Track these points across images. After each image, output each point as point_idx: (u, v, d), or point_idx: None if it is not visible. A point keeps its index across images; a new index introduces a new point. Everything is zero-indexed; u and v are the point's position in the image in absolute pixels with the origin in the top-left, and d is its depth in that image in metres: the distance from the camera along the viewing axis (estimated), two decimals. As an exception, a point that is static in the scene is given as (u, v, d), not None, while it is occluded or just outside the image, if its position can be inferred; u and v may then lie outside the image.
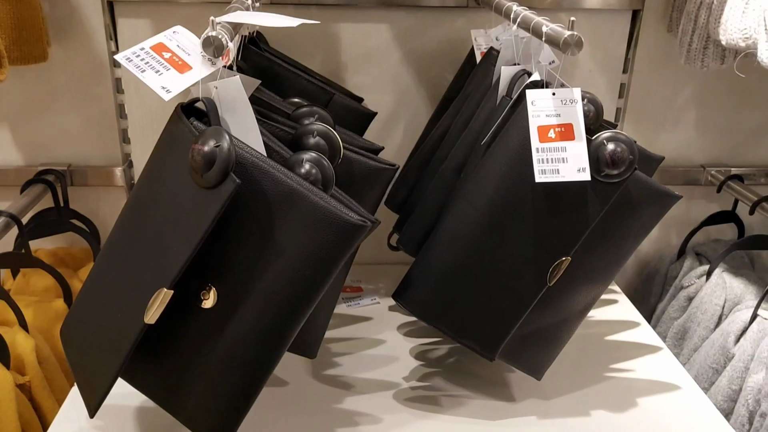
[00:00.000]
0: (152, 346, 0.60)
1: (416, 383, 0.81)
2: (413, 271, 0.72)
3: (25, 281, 0.94)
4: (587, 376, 0.83)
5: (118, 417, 0.73)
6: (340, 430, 0.72)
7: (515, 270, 0.68)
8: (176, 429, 0.71)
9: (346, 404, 0.77)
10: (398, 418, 0.74)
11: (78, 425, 0.72)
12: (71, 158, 1.00)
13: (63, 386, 0.82)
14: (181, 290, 0.58)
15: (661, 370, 0.84)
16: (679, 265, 1.05)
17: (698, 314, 0.96)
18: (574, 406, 0.77)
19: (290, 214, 0.56)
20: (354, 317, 0.95)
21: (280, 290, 0.57)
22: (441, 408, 0.76)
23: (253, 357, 0.58)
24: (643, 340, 0.91)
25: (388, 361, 0.85)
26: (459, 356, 0.87)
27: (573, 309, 0.73)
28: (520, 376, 0.82)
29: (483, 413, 0.75)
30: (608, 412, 0.76)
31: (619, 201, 0.67)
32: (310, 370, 0.82)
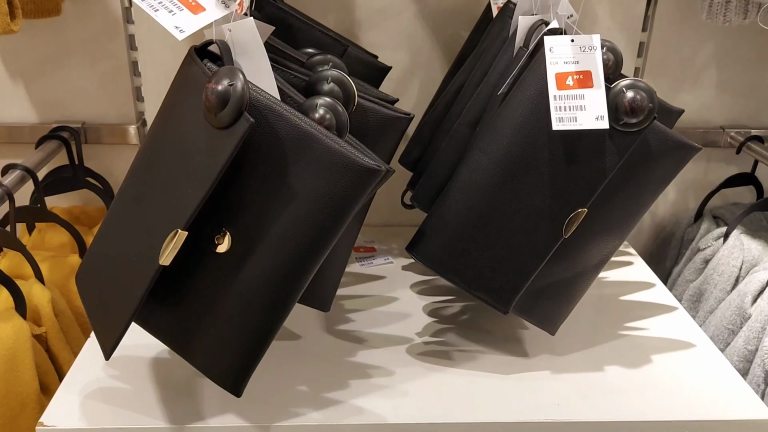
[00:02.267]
0: (166, 291, 0.61)
1: (429, 338, 0.80)
2: (427, 224, 0.72)
3: (41, 237, 0.94)
4: (601, 334, 0.82)
5: (133, 366, 0.73)
6: (353, 381, 0.72)
7: (530, 221, 0.67)
8: (191, 378, 0.72)
9: (358, 358, 0.77)
10: (411, 372, 0.74)
11: (94, 375, 0.72)
12: (85, 116, 1.00)
13: (79, 339, 0.83)
14: (195, 235, 0.58)
15: (676, 330, 0.83)
16: (696, 228, 1.04)
17: (715, 276, 0.95)
18: (587, 363, 0.77)
19: (304, 158, 0.56)
20: (367, 276, 0.95)
21: (294, 235, 0.57)
22: (454, 362, 0.76)
23: (267, 302, 0.58)
24: (659, 300, 0.90)
25: (401, 317, 0.85)
26: (472, 313, 0.86)
27: (588, 262, 0.72)
28: (534, 332, 0.82)
29: (496, 368, 0.75)
30: (623, 368, 0.76)
31: (638, 152, 0.66)
32: (323, 324, 0.83)
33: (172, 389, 0.70)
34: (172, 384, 0.71)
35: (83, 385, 0.71)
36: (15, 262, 0.86)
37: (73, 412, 0.67)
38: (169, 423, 0.66)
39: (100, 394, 0.70)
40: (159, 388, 0.70)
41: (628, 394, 0.72)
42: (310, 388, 0.71)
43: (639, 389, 0.72)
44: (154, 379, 0.72)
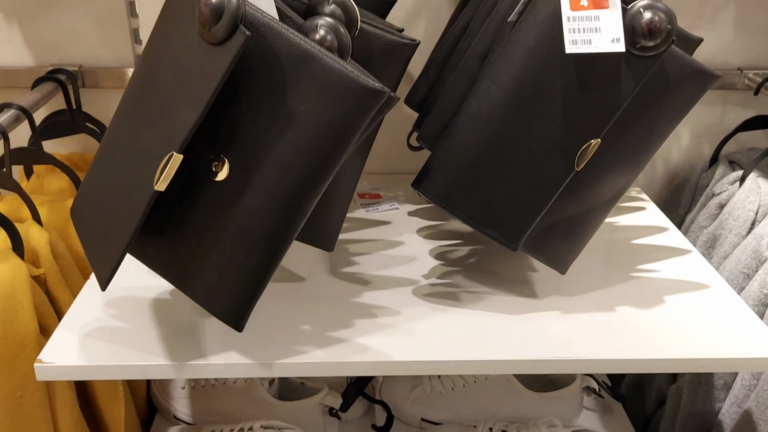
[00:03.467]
0: (164, 222, 0.59)
1: (436, 280, 0.78)
2: (433, 158, 0.69)
3: (39, 182, 0.92)
4: (612, 276, 0.80)
5: (134, 306, 0.72)
6: (358, 321, 0.70)
7: (541, 154, 0.65)
8: (193, 318, 0.71)
9: (363, 298, 0.75)
10: (417, 312, 0.72)
11: (93, 314, 0.71)
12: (82, 59, 0.97)
13: (79, 283, 0.81)
14: (193, 163, 0.56)
15: (690, 272, 0.81)
16: (711, 173, 1.01)
17: (730, 221, 0.92)
18: (598, 303, 0.74)
19: (304, 79, 0.53)
20: (372, 221, 0.93)
21: (294, 161, 0.54)
22: (461, 303, 0.74)
23: (267, 232, 0.56)
24: (672, 244, 0.87)
25: (406, 260, 0.83)
26: (480, 256, 0.84)
27: (600, 198, 0.70)
28: (543, 274, 0.80)
29: (504, 308, 0.73)
30: (634, 308, 0.74)
31: (654, 79, 0.63)
32: (328, 267, 0.81)
33: (173, 328, 0.69)
34: (174, 323, 0.70)
35: (82, 324, 0.69)
36: (13, 206, 0.84)
37: (72, 349, 0.65)
38: (169, 360, 0.64)
39: (100, 333, 0.68)
40: (160, 327, 0.69)
41: (640, 332, 0.70)
42: (314, 327, 0.69)
43: (652, 328, 0.70)
44: (155, 319, 0.70)
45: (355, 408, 1.02)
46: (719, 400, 0.89)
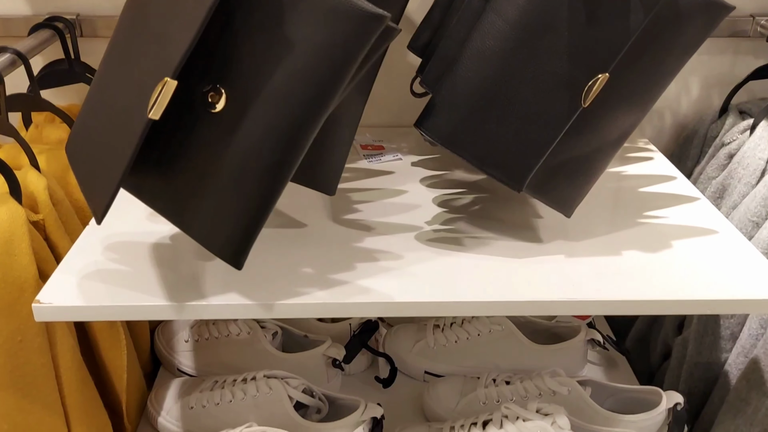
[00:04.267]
0: (160, 155, 0.57)
1: (439, 226, 0.77)
2: (436, 96, 0.68)
3: (38, 132, 0.91)
4: (619, 222, 0.79)
5: (134, 250, 0.71)
6: (360, 264, 0.70)
7: (547, 89, 0.63)
8: (193, 261, 0.70)
9: (365, 243, 0.74)
10: (420, 256, 0.71)
11: (92, 257, 0.70)
12: (79, 7, 0.96)
13: (78, 230, 0.81)
14: (188, 95, 0.55)
15: (698, 218, 0.79)
16: (721, 123, 0.99)
17: (739, 170, 0.91)
18: (604, 247, 0.73)
19: (301, 4, 0.51)
20: (374, 171, 0.91)
21: (292, 89, 0.53)
22: (465, 247, 0.73)
23: (266, 164, 0.55)
24: (680, 191, 0.86)
25: (409, 208, 0.81)
26: (485, 203, 0.83)
27: (607, 137, 0.68)
28: (548, 221, 0.79)
29: (509, 252, 0.72)
30: (641, 252, 0.72)
31: (664, 10, 0.61)
32: (329, 214, 0.80)
33: (173, 271, 0.68)
34: (174, 266, 0.69)
35: (81, 266, 0.69)
36: (11, 154, 0.83)
37: (71, 290, 0.65)
38: (169, 301, 0.64)
39: (99, 275, 0.68)
40: (160, 269, 0.68)
41: (647, 275, 0.68)
42: (316, 270, 0.69)
43: (659, 271, 0.69)
44: (155, 262, 0.70)
45: (358, 361, 1.02)
46: (725, 351, 0.88)
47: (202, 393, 0.91)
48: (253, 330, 0.97)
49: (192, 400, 0.90)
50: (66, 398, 0.76)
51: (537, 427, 0.79)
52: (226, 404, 0.88)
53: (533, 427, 0.80)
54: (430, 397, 0.95)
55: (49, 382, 0.74)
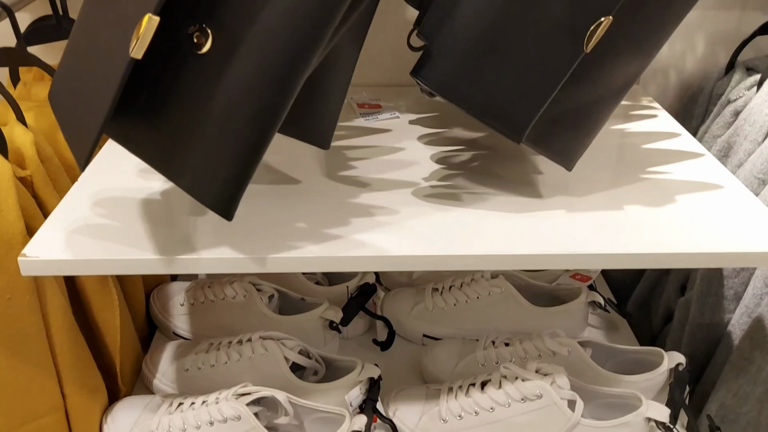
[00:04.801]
0: (146, 103, 0.55)
1: (437, 183, 0.75)
2: (433, 44, 0.65)
3: (26, 90, 0.89)
4: (621, 178, 0.77)
5: (123, 205, 0.70)
6: (355, 219, 0.68)
7: (548, 34, 0.60)
8: (184, 216, 0.68)
9: (361, 199, 0.72)
10: (417, 211, 0.70)
11: (81, 212, 0.69)
12: (66, -39, 0.93)
13: (68, 188, 0.79)
14: (173, 36, 0.52)
15: (703, 173, 0.77)
16: (727, 80, 0.96)
17: (746, 127, 0.88)
18: (606, 203, 0.71)
19: (291, -63, 0.49)
20: (371, 129, 0.89)
21: (281, 28, 0.51)
22: (463, 203, 0.71)
23: (255, 108, 0.53)
24: (684, 148, 0.84)
25: (406, 165, 0.79)
26: (484, 160, 0.81)
27: (609, 85, 0.66)
28: (549, 177, 0.77)
29: (508, 207, 0.70)
30: (644, 206, 0.70)
31: (671, -51, 0.58)
32: (324, 170, 0.78)
33: (164, 226, 0.67)
34: (165, 222, 0.67)
35: (69, 221, 0.67)
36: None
37: (58, 244, 0.63)
38: (158, 254, 0.62)
39: (87, 230, 0.66)
40: (150, 224, 0.67)
41: (650, 228, 0.67)
42: (309, 225, 0.67)
43: (662, 225, 0.67)
44: (145, 217, 0.68)
45: (356, 324, 1.01)
46: (729, 311, 0.86)
47: (198, 355, 0.89)
48: (249, 293, 0.96)
49: (187, 362, 0.89)
50: (57, 358, 0.75)
51: (536, 387, 0.78)
52: (221, 366, 0.87)
53: (532, 387, 0.78)
54: (428, 359, 0.94)
55: (40, 341, 0.73)
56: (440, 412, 0.82)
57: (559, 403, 0.77)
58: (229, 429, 0.76)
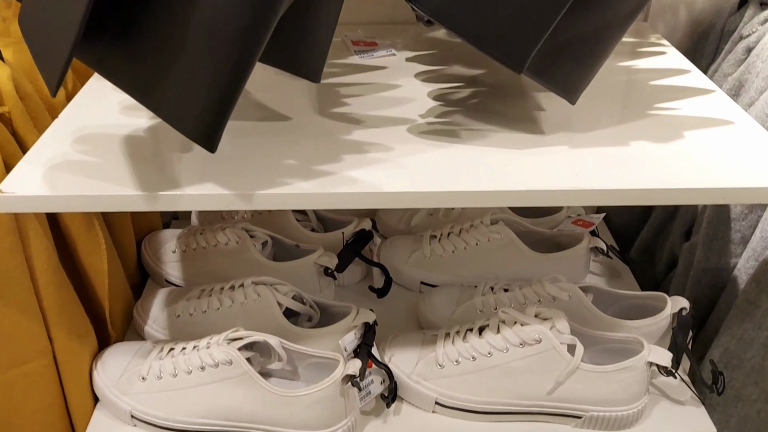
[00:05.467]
0: (122, 26, 0.52)
1: (434, 119, 0.72)
2: (430, -34, 0.61)
3: (6, 27, 0.85)
4: (628, 114, 0.74)
5: (105, 142, 0.67)
6: (347, 156, 0.65)
7: (552, -46, 0.56)
8: (169, 153, 0.65)
9: (354, 135, 0.69)
10: (412, 148, 0.66)
11: (60, 149, 0.66)
12: None
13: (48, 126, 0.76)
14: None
15: (712, 109, 0.74)
16: (740, 15, 0.92)
17: (758, 63, 0.84)
18: (612, 138, 0.68)
19: None
20: (366, 66, 0.85)
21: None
22: (461, 139, 0.68)
23: (235, 29, 0.49)
24: (694, 84, 0.80)
25: (402, 101, 0.76)
26: (484, 97, 0.78)
27: (615, 13, 0.62)
28: (551, 113, 0.73)
29: (508, 143, 0.67)
30: (652, 142, 0.67)
31: None
32: (316, 107, 0.74)
33: (147, 162, 0.64)
34: (148, 158, 0.65)
35: (48, 157, 0.64)
36: (-26, 47, 0.77)
37: (37, 180, 0.61)
38: (141, 191, 0.59)
39: (66, 166, 0.63)
40: (132, 161, 0.64)
41: (657, 164, 0.64)
42: (299, 162, 0.64)
43: (670, 160, 0.64)
44: (127, 154, 0.65)
45: (352, 272, 0.99)
46: (735, 255, 0.84)
47: (189, 301, 0.87)
48: (242, 239, 0.93)
49: (179, 309, 0.87)
50: (43, 301, 0.73)
51: (535, 332, 0.76)
52: (213, 312, 0.85)
53: (531, 331, 0.76)
54: (425, 305, 0.92)
55: (24, 284, 0.71)
56: (437, 358, 0.80)
57: (559, 347, 0.75)
58: (220, 374, 0.74)
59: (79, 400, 0.79)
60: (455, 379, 0.79)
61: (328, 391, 0.73)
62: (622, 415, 0.77)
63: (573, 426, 0.79)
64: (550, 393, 0.77)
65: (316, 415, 0.74)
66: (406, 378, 0.81)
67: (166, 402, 0.76)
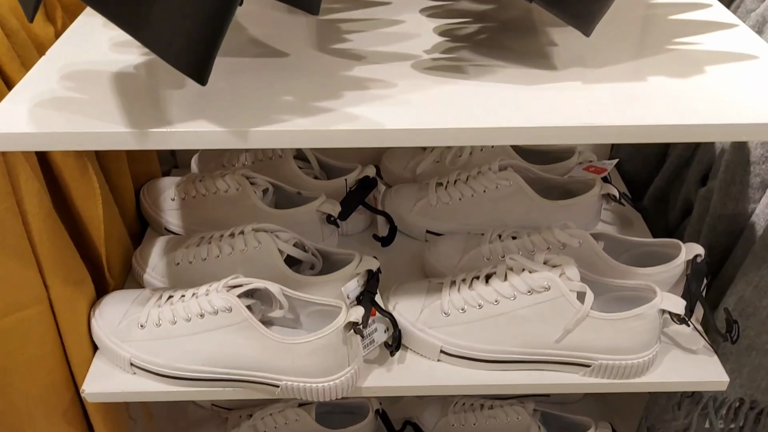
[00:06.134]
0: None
1: (439, 55, 0.68)
2: None
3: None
4: (645, 49, 0.70)
5: (94, 79, 0.64)
6: (348, 93, 0.61)
7: None
8: (160, 90, 0.63)
9: (355, 72, 0.65)
10: (416, 84, 0.63)
11: (47, 86, 0.63)
12: None
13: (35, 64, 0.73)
14: None
15: (736, 44, 0.70)
16: (766, -53, 0.86)
17: (784, -2, 0.79)
18: (629, 73, 0.64)
19: None
20: (368, 2, 0.81)
21: None
22: (468, 75, 0.64)
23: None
24: (716, 18, 0.76)
25: (406, 37, 0.72)
26: (493, 33, 0.74)
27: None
28: (564, 49, 0.70)
29: (518, 79, 0.64)
30: (670, 77, 0.63)
31: None
32: (315, 43, 0.71)
33: (137, 99, 0.61)
34: (138, 95, 0.62)
35: (35, 94, 0.61)
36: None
37: (22, 118, 0.58)
38: (131, 128, 0.56)
39: (54, 103, 0.60)
40: (123, 98, 0.61)
41: (676, 99, 0.60)
42: (297, 99, 0.61)
43: (689, 95, 0.61)
44: (117, 91, 0.62)
45: (356, 220, 0.96)
46: (753, 201, 0.80)
47: (189, 249, 0.85)
48: (242, 186, 0.90)
49: (178, 256, 0.85)
50: (37, 247, 0.71)
51: (544, 279, 0.74)
52: (213, 259, 0.83)
53: (540, 278, 0.74)
54: (430, 254, 0.89)
55: (16, 228, 0.69)
56: (442, 306, 0.78)
57: (568, 295, 0.73)
58: (220, 321, 0.72)
59: (77, 348, 0.77)
60: (461, 327, 0.77)
61: (330, 339, 0.71)
62: (633, 364, 0.75)
63: (581, 375, 0.77)
64: (558, 341, 0.75)
65: (317, 362, 0.72)
66: (410, 326, 0.79)
67: (166, 349, 0.75)
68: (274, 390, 0.74)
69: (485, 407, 1.05)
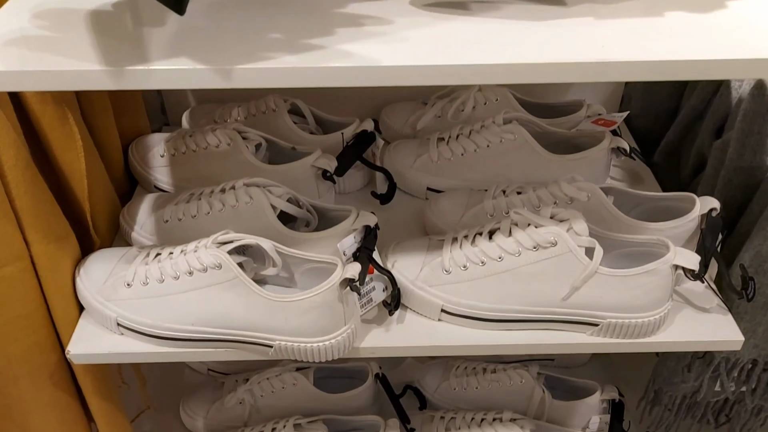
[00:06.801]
0: None
1: (441, -6, 0.64)
2: None
3: None
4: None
5: (68, 16, 0.59)
6: (340, 29, 0.57)
7: None
8: (138, 27, 0.58)
9: (349, 8, 0.61)
10: (415, 21, 0.58)
11: (17, 24, 0.58)
12: None
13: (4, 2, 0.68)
14: None
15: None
16: None
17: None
18: (644, 9, 0.60)
19: None
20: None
21: None
22: (471, 12, 0.60)
23: None
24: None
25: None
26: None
27: None
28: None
29: (524, 15, 0.59)
30: (689, 13, 0.59)
31: None
32: (307, -19, 0.66)
33: (114, 37, 0.56)
34: (115, 32, 0.57)
35: (3, 33, 0.57)
36: None
37: (-11, 56, 0.54)
38: (105, 66, 0.52)
39: (25, 42, 0.56)
40: (98, 36, 0.56)
41: (694, 34, 0.56)
42: (286, 36, 0.56)
43: (709, 30, 0.56)
44: (92, 29, 0.57)
45: (353, 177, 0.92)
46: (772, 152, 0.76)
47: (178, 206, 0.82)
48: (233, 141, 0.86)
49: (167, 213, 0.82)
50: (15, 201, 0.67)
51: (550, 234, 0.70)
52: (203, 216, 0.79)
53: (546, 233, 0.70)
54: (431, 210, 0.85)
55: (-8, 180, 0.65)
56: (443, 263, 0.74)
57: (576, 250, 0.69)
58: (209, 279, 0.69)
59: (62, 307, 0.74)
60: (463, 285, 0.73)
61: (325, 296, 0.68)
62: (643, 323, 0.72)
63: (589, 334, 0.73)
64: (565, 299, 0.71)
65: (312, 321, 0.69)
66: (410, 284, 0.75)
67: (153, 309, 0.71)
68: (267, 350, 0.71)
69: (488, 371, 1.02)
